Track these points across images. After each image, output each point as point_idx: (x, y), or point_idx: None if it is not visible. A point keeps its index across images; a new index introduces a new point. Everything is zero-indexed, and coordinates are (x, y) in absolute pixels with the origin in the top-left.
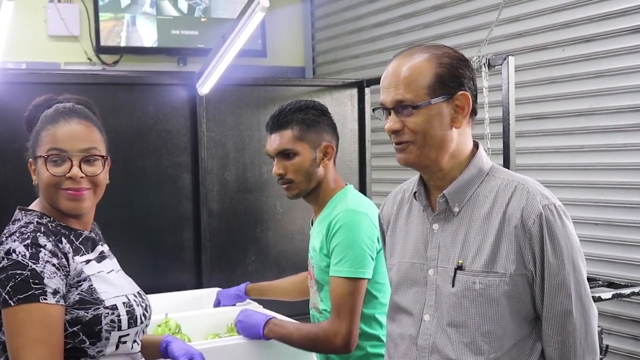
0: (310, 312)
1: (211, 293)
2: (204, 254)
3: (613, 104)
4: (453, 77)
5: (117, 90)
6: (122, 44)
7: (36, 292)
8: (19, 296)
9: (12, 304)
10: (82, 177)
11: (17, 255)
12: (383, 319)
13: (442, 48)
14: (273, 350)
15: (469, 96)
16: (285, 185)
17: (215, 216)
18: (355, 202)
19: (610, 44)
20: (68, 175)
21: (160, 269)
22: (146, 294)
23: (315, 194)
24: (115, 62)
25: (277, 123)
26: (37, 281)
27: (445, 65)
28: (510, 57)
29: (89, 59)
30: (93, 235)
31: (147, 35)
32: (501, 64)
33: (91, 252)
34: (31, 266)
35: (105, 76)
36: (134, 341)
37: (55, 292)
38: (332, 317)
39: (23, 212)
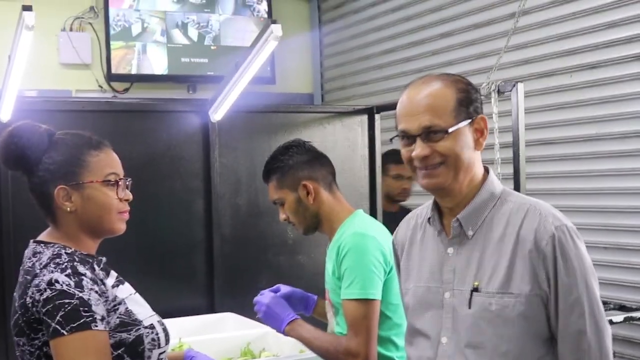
0: None
1: (224, 318)
2: (216, 278)
3: (619, 129)
4: (470, 102)
5: (130, 117)
6: (133, 72)
7: (87, 319)
8: (72, 325)
9: (65, 333)
10: None
11: (62, 284)
12: (398, 340)
13: (453, 75)
14: None
15: (486, 119)
16: (293, 226)
17: (227, 241)
18: (362, 225)
19: (615, 71)
20: (126, 198)
21: (173, 294)
22: None
23: (321, 226)
24: (126, 90)
25: (263, 177)
26: (86, 309)
27: (462, 90)
28: (519, 83)
29: (100, 86)
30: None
31: (157, 63)
32: (510, 91)
33: (110, 276)
34: (78, 294)
35: (119, 104)
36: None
37: (102, 319)
38: (350, 335)
39: (42, 244)
